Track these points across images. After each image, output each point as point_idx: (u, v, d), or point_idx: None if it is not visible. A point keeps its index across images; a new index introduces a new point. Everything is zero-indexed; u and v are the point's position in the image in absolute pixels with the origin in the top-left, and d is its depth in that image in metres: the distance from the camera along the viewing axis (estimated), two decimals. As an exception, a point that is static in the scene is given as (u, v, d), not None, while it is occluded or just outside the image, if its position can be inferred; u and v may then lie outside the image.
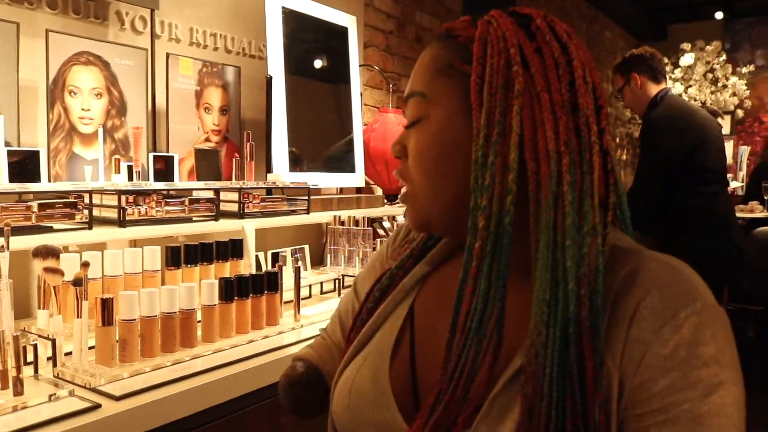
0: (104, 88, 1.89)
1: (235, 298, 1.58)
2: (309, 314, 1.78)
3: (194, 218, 1.78)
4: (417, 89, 0.75)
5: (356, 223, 2.09)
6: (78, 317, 1.25)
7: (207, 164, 2.12)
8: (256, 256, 1.94)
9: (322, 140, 2.54)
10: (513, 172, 0.65)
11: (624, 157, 7.25)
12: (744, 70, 7.01)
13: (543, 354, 0.61)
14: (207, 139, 2.21)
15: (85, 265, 1.26)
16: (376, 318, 0.82)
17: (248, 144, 2.07)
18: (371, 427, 0.75)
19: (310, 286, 2.08)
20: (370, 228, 2.08)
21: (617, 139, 7.05)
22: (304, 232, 2.39)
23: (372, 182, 3.06)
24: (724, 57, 7.03)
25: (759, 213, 4.99)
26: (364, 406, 0.76)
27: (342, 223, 2.12)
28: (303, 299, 2.04)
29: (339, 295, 2.06)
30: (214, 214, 1.82)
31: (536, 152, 0.65)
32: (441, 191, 0.73)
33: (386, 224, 2.61)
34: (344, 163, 2.63)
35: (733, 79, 6.93)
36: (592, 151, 0.65)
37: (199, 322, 1.51)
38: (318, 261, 2.29)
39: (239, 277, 1.59)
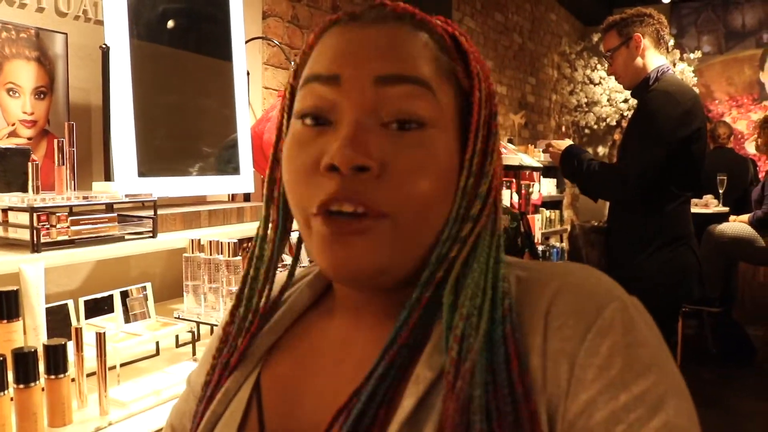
0: None
1: (-19, 394, 0.98)
2: (128, 398, 1.19)
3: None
4: (414, 74, 0.55)
5: (220, 249, 1.50)
6: None
7: (7, 169, 1.49)
8: (62, 307, 1.33)
9: (189, 133, 1.93)
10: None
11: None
12: (692, 56, 6.65)
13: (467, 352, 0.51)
14: (13, 134, 1.58)
15: None
16: (216, 406, 0.62)
17: (57, 141, 1.44)
18: None
19: (157, 343, 1.48)
20: (238, 257, 1.49)
21: (563, 128, 6.62)
22: (161, 262, 1.78)
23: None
24: (672, 42, 6.65)
25: (714, 208, 4.62)
26: None
27: (201, 249, 1.53)
28: (147, 358, 1.46)
29: (194, 354, 1.47)
30: (-18, 248, 1.20)
31: None
32: (431, 227, 0.57)
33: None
34: (223, 163, 2.03)
35: (681, 65, 6.55)
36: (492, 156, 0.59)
37: None
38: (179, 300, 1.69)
39: (-13, 361, 0.98)
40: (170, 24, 1.87)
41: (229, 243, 1.51)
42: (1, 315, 1.13)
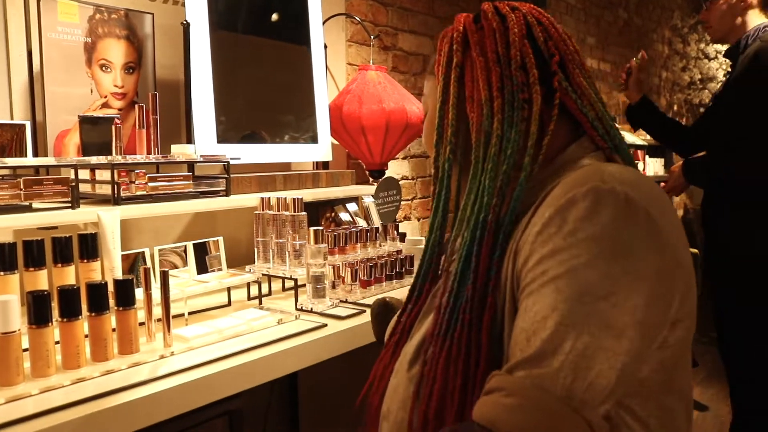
0: (-62, 37, 1.45)
1: (58, 319, 1.11)
2: (191, 334, 1.30)
3: (36, 205, 1.32)
4: None
5: (286, 206, 1.59)
6: None
7: (98, 135, 1.66)
8: (140, 254, 1.46)
9: (266, 105, 2.05)
10: (451, 128, 0.82)
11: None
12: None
13: (458, 253, 0.75)
14: (105, 105, 1.74)
15: None
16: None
17: (137, 106, 1.59)
18: None
19: (229, 289, 1.60)
20: (303, 213, 1.58)
21: (675, 107, 6.30)
22: (237, 220, 1.91)
23: (354, 157, 2.56)
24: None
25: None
26: None
27: (270, 208, 1.63)
28: (218, 308, 1.58)
29: (260, 302, 1.57)
30: (69, 199, 1.36)
31: (473, 105, 0.80)
32: None
33: (352, 207, 2.10)
34: (300, 133, 2.13)
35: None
36: (530, 90, 0.76)
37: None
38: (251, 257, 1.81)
39: (63, 290, 1.12)
40: (248, 3, 1.98)
41: (294, 200, 1.60)
42: (81, 255, 1.28)
